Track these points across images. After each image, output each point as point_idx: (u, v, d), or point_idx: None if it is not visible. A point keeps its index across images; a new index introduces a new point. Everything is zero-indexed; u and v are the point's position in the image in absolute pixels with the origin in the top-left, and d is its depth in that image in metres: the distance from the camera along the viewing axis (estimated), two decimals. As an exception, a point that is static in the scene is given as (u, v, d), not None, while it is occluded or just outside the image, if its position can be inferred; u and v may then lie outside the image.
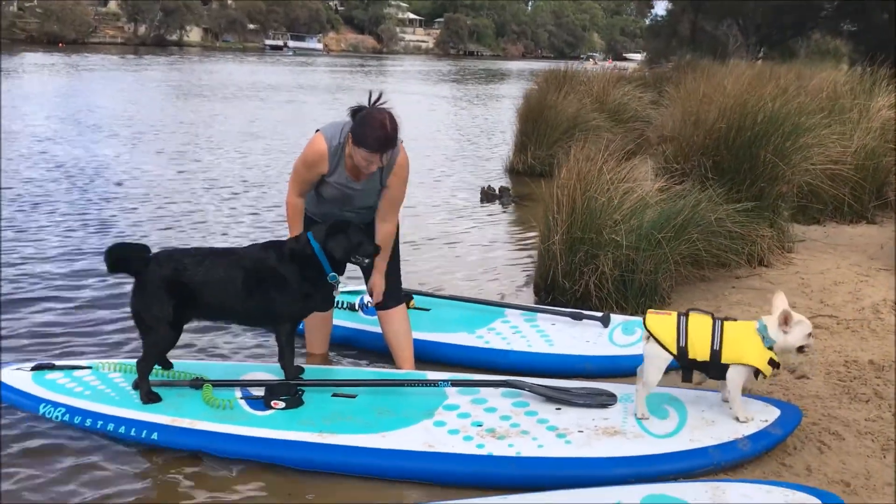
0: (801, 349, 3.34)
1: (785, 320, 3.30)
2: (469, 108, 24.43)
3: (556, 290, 5.41)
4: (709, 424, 3.43)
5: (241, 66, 46.77)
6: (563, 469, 3.22)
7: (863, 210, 7.17)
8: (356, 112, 3.67)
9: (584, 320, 4.73)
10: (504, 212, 9.07)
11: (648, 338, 3.47)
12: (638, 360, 3.58)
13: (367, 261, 3.86)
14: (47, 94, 21.75)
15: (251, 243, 3.99)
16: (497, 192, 9.65)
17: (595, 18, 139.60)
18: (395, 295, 4.22)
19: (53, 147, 12.23)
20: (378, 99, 3.72)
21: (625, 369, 4.17)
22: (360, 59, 73.82)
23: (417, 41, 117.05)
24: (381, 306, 4.21)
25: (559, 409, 3.61)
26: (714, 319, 3.45)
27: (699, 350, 3.39)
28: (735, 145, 5.86)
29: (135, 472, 3.38)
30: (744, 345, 3.35)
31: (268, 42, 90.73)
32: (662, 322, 3.47)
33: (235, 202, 8.84)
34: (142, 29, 77.68)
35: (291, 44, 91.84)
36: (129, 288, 3.76)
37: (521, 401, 3.69)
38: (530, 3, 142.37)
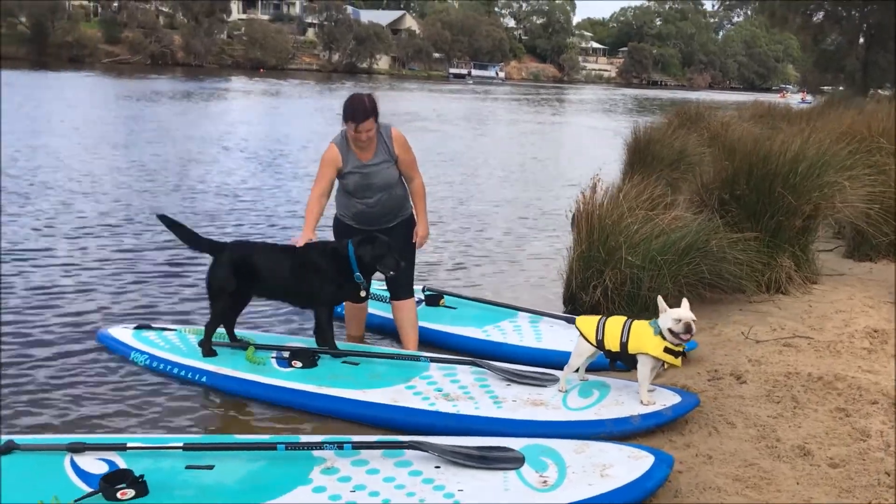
0: (673, 333, 4.07)
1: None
2: (619, 139, 24.89)
3: (574, 300, 6.23)
4: (618, 405, 4.21)
5: (422, 94, 49.31)
6: (487, 425, 4.09)
7: (915, 249, 7.40)
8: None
9: (576, 324, 5.54)
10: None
11: (579, 335, 4.35)
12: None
13: (391, 273, 4.87)
14: (242, 119, 24.56)
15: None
16: (588, 217, 10.41)
17: (790, 49, 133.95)
18: (407, 288, 5.24)
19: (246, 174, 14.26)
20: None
21: (595, 364, 4.95)
22: (536, 88, 75.25)
23: (599, 70, 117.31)
24: (395, 297, 5.25)
25: (508, 384, 4.50)
26: (627, 319, 4.26)
27: (611, 342, 4.22)
28: (753, 180, 6.43)
29: (188, 400, 4.63)
30: (642, 337, 4.15)
31: (452, 70, 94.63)
32: (588, 322, 4.35)
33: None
34: (335, 56, 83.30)
35: (474, 72, 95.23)
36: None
37: (482, 377, 4.60)
38: (721, 33, 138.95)
